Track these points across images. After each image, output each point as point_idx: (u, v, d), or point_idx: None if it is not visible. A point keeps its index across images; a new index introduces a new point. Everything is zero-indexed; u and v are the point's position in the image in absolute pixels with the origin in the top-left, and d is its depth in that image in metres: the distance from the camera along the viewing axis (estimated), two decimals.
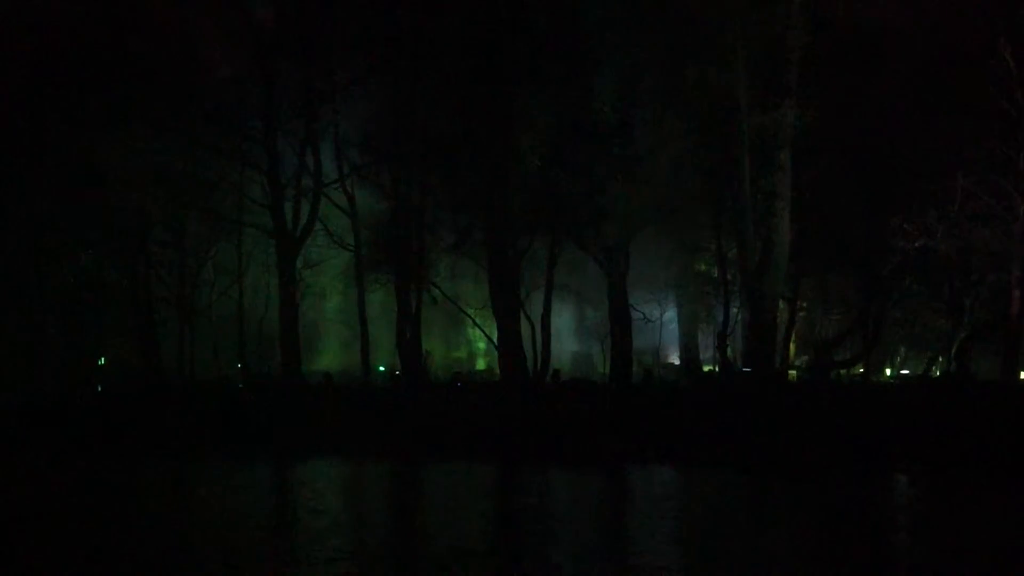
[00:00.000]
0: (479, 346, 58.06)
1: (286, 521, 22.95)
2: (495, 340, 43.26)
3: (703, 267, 49.50)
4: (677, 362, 54.74)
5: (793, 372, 42.62)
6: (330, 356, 54.64)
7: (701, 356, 53.68)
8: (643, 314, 47.52)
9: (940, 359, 40.78)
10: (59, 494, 26.84)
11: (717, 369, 46.27)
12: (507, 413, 35.50)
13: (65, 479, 29.80)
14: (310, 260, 47.56)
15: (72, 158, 43.64)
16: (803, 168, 38.50)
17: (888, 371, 45.10)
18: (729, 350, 42.69)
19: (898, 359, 47.29)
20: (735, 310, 44.11)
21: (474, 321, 48.06)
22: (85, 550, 19.44)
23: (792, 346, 44.48)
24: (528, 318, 42.61)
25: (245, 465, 32.95)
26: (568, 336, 57.12)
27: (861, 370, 41.50)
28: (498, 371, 44.46)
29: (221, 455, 34.83)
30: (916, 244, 37.95)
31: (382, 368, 50.89)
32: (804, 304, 45.22)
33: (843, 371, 42.01)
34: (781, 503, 25.44)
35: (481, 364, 57.47)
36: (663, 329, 53.13)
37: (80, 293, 46.88)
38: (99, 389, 45.01)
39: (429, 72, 42.09)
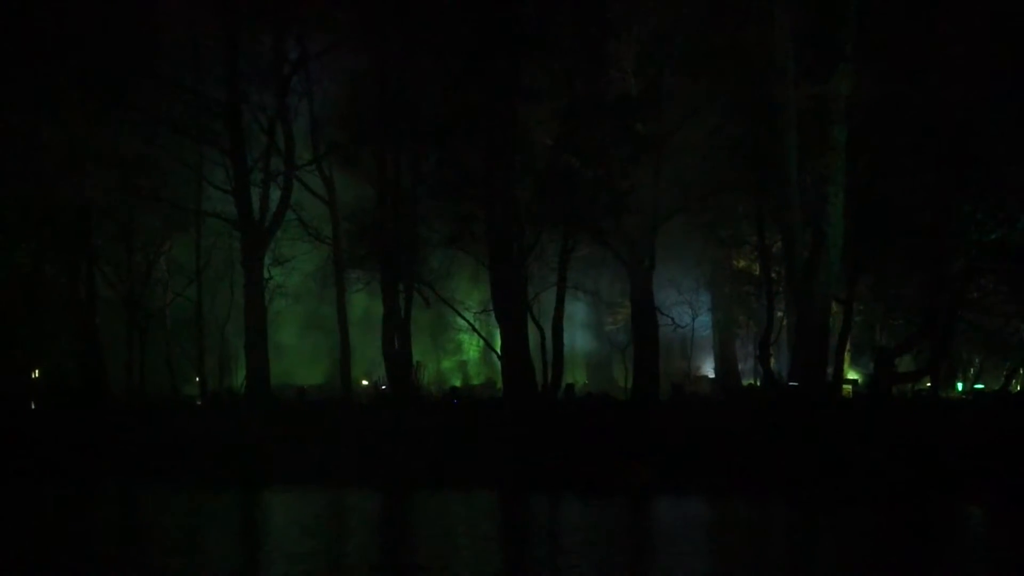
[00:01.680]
0: (472, 355, 58.15)
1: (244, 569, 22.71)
2: (497, 348, 43.18)
3: (742, 264, 49.49)
4: (711, 375, 54.73)
5: (848, 387, 42.50)
6: (304, 368, 54.60)
7: (740, 368, 53.70)
8: (671, 319, 47.44)
9: (1021, 372, 40.67)
10: None
11: (759, 383, 46.18)
12: (513, 434, 35.45)
13: None
14: (281, 256, 47.44)
15: (1, 133, 43.57)
16: (860, 148, 38.36)
17: (960, 385, 45.00)
18: (773, 361, 42.55)
19: (971, 371, 47.18)
20: (780, 314, 44.00)
21: (473, 327, 47.97)
22: None
23: (847, 356, 44.36)
24: (537, 323, 42.52)
25: (200, 497, 32.78)
26: (583, 344, 57.12)
27: (928, 384, 41.39)
28: (500, 384, 44.42)
29: (174, 484, 34.72)
30: (992, 236, 37.84)
31: (365, 382, 50.90)
32: (861, 307, 45.08)
33: (907, 385, 41.90)
34: (835, 541, 25.22)
35: (475, 375, 57.51)
36: (695, 336, 53.05)
37: (11, 293, 46.82)
38: (32, 406, 44.96)
39: (421, 36, 41.99)
